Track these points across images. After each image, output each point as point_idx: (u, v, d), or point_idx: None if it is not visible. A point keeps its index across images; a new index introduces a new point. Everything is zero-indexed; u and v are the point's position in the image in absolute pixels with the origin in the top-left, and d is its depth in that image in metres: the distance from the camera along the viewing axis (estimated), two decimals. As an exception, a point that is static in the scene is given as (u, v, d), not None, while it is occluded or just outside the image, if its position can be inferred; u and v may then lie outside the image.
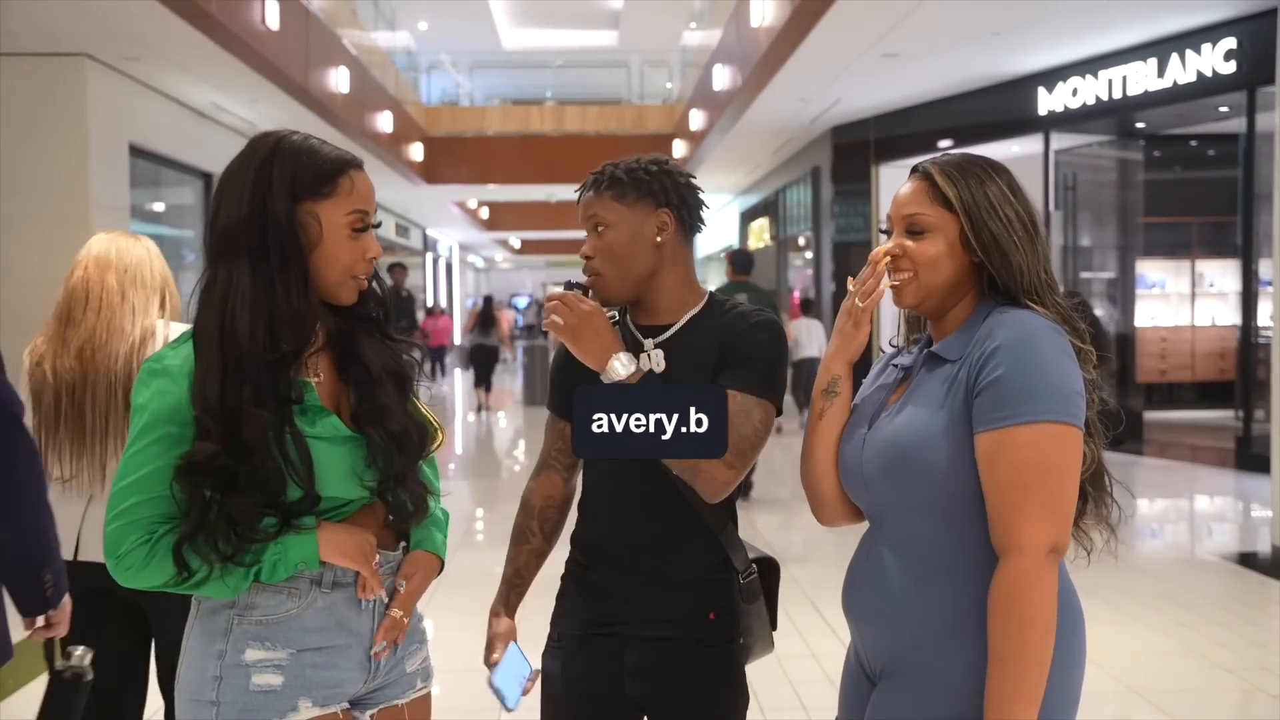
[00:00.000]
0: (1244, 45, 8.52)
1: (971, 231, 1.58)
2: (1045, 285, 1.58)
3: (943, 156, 1.65)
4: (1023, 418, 1.45)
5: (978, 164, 1.62)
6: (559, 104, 22.18)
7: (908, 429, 1.57)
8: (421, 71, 22.13)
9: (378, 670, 1.69)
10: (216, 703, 1.57)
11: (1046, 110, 10.51)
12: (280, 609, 1.59)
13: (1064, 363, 1.49)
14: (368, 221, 1.61)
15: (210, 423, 1.49)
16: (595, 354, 1.82)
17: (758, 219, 19.86)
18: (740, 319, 1.92)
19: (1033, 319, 1.52)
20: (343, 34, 12.99)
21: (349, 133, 12.74)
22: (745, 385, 1.85)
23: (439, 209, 22.57)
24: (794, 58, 9.55)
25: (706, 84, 14.76)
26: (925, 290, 1.61)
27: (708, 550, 1.94)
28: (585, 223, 1.94)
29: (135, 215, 10.10)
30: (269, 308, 1.52)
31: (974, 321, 1.59)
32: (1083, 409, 1.50)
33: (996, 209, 1.58)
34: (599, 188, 1.92)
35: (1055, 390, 1.46)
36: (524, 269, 43.47)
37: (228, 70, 9.36)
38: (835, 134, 13.36)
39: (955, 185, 1.59)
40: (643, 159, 1.96)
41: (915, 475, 1.54)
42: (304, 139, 1.60)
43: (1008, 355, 1.48)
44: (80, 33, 8.27)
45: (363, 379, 1.65)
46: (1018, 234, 1.57)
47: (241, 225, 1.53)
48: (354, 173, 1.60)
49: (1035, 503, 1.44)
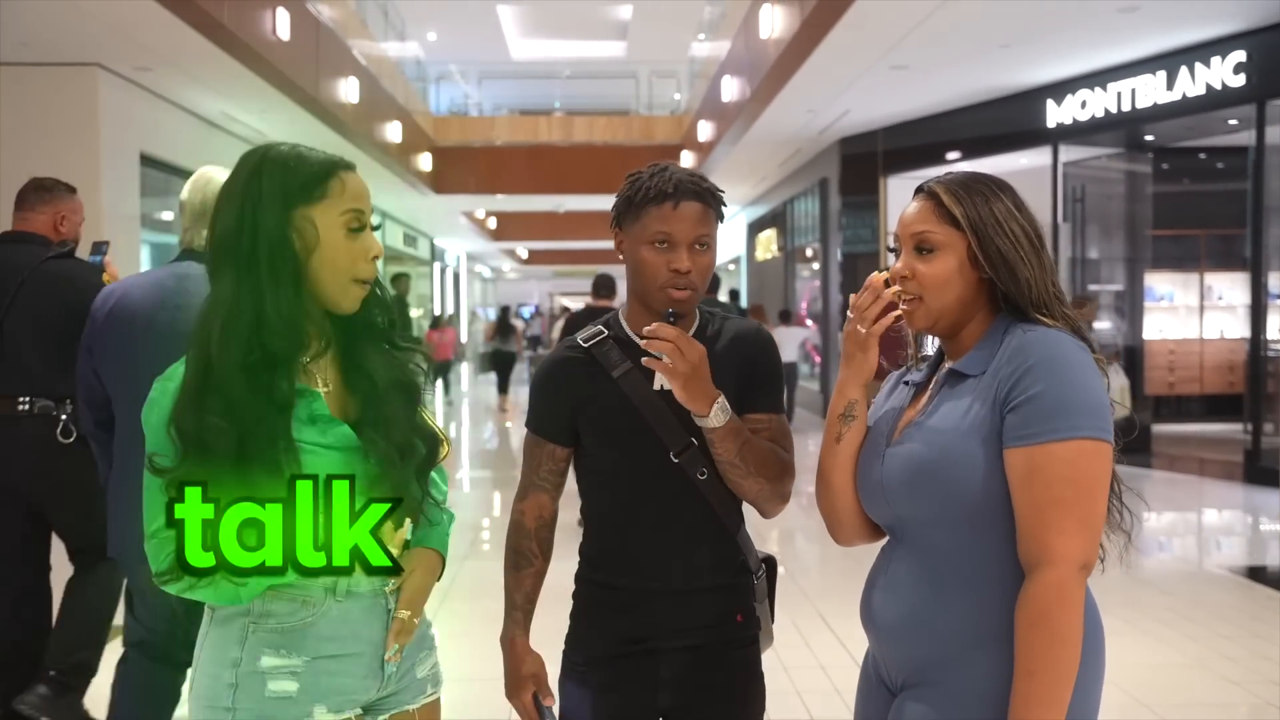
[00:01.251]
0: (1253, 58, 8.52)
1: (979, 248, 1.59)
2: (1054, 298, 1.60)
3: (947, 175, 1.66)
4: (1060, 434, 1.47)
5: (982, 181, 1.64)
6: (567, 114, 22.24)
7: (933, 443, 1.58)
8: (430, 81, 22.20)
9: (389, 677, 1.70)
10: (233, 709, 1.57)
11: (1055, 123, 10.52)
12: (295, 617, 1.59)
13: (1093, 378, 1.52)
14: (364, 220, 1.61)
15: (182, 438, 1.49)
16: (700, 401, 1.80)
17: (765, 230, 19.88)
18: (749, 335, 1.99)
19: (1060, 336, 1.55)
20: (352, 44, 13.04)
21: (358, 142, 12.78)
22: (777, 407, 1.97)
23: (447, 219, 22.61)
24: (803, 69, 9.57)
25: (715, 95, 14.79)
26: (935, 313, 1.63)
27: (730, 553, 1.97)
28: (687, 234, 1.87)
29: (145, 224, 10.15)
30: (253, 316, 1.52)
31: (993, 337, 1.61)
32: (1111, 423, 1.52)
33: (1003, 225, 1.59)
34: (711, 204, 1.90)
35: (1089, 406, 1.49)
36: (531, 279, 43.53)
37: (238, 80, 9.41)
38: (843, 145, 13.38)
39: (961, 203, 1.61)
40: (706, 179, 1.93)
41: (940, 489, 1.56)
42: (292, 148, 1.61)
43: (1044, 372, 1.50)
44: (92, 43, 8.33)
45: (368, 390, 1.64)
46: (1024, 249, 1.59)
47: (231, 238, 1.55)
48: (344, 174, 1.61)
49: (1070, 518, 1.46)
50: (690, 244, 1.87)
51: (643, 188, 1.89)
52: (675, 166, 1.92)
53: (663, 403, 1.89)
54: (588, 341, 1.96)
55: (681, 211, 1.87)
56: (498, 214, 25.36)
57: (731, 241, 23.78)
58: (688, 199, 1.87)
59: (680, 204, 1.87)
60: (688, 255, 1.86)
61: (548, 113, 23.01)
